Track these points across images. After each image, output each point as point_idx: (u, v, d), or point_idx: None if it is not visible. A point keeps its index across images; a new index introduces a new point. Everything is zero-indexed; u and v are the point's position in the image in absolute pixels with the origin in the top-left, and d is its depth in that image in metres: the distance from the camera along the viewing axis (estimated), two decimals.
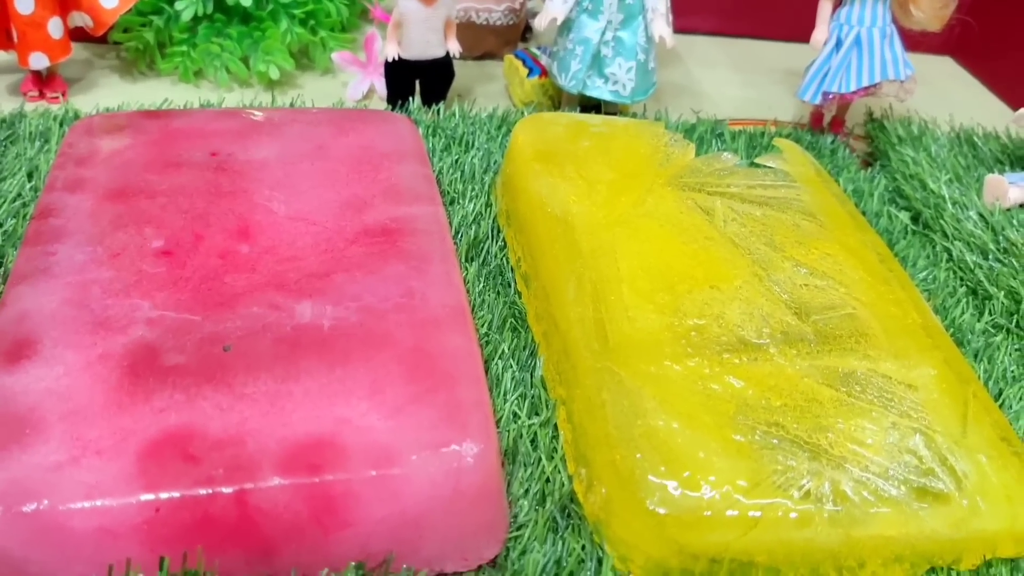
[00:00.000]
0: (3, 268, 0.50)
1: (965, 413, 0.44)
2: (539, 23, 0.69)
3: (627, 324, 0.45)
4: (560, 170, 0.55)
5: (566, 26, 0.70)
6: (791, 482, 0.38)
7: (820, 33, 0.73)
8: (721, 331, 0.45)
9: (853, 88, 0.73)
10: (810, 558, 0.39)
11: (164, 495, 0.36)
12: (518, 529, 0.41)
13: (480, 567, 0.40)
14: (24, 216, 0.55)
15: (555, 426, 0.46)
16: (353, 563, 0.37)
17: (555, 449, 0.45)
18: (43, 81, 0.70)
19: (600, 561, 0.40)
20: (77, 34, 0.70)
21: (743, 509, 0.37)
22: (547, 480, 0.44)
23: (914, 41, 0.74)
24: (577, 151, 0.57)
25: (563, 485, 0.43)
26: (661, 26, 0.69)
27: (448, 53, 0.70)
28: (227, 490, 0.36)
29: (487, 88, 0.80)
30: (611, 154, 0.57)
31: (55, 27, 0.67)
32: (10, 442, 0.37)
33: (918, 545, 0.40)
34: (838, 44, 0.73)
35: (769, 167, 0.60)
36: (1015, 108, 0.83)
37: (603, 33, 0.69)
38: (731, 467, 0.38)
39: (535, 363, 0.49)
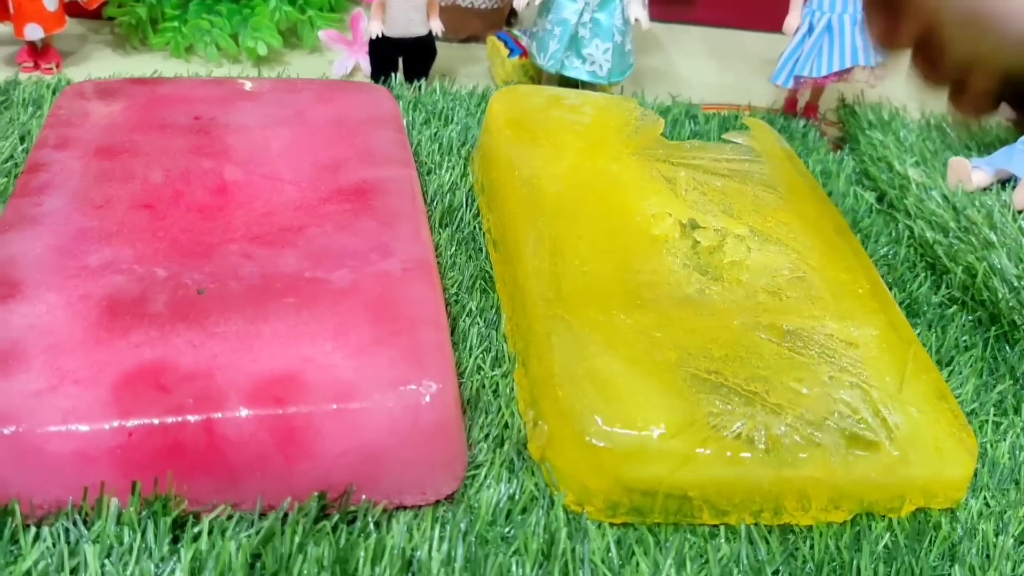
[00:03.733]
0: None
1: (903, 371, 0.46)
2: (518, 3, 0.71)
3: (580, 277, 0.47)
4: (531, 137, 0.58)
5: (545, 7, 0.72)
6: (725, 424, 0.40)
7: (793, 19, 0.76)
8: (671, 288, 0.47)
9: (824, 73, 0.75)
10: (744, 497, 0.41)
11: (136, 422, 0.38)
12: (475, 468, 0.43)
13: (438, 502, 0.42)
14: (15, 176, 0.57)
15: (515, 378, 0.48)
16: (315, 493, 0.39)
17: (514, 399, 0.47)
18: (38, 52, 0.72)
19: (552, 499, 0.42)
20: (72, 9, 0.72)
21: (676, 447, 0.39)
22: (505, 426, 0.46)
23: None
24: (548, 121, 0.59)
25: (520, 431, 0.45)
26: (636, 8, 0.71)
27: (431, 32, 0.72)
28: (196, 418, 0.38)
29: (470, 69, 0.82)
30: (582, 124, 0.59)
31: (50, 0, 0.69)
32: None
33: (849, 489, 0.42)
34: (810, 29, 0.75)
35: (735, 143, 0.63)
36: None
37: (581, 14, 0.71)
38: (668, 407, 0.41)
39: (500, 321, 0.52)
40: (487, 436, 0.45)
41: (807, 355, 0.45)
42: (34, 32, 0.69)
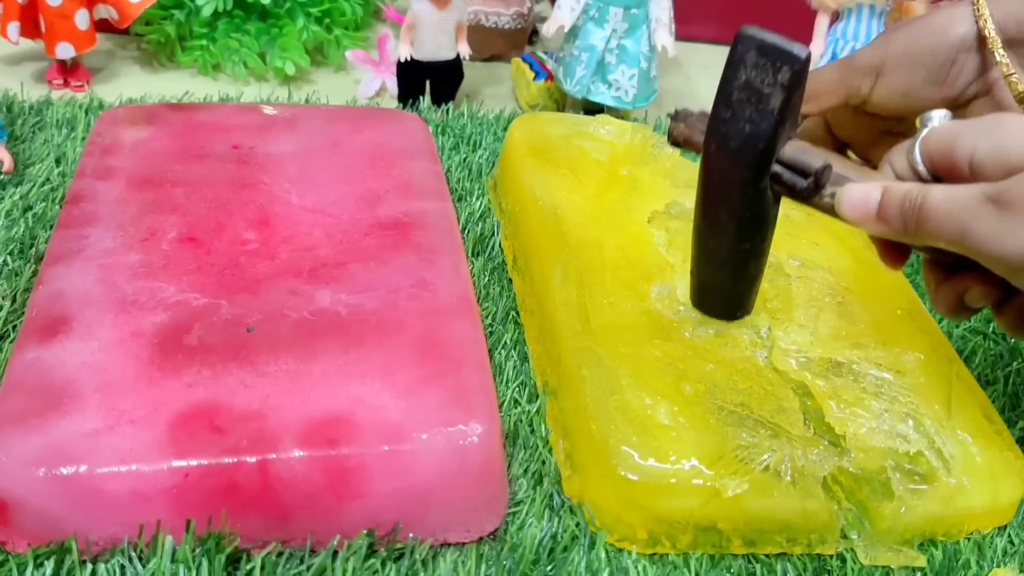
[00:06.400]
0: (35, 249, 0.53)
1: (949, 394, 0.48)
2: (547, 30, 0.72)
3: (608, 309, 0.48)
4: (552, 165, 0.59)
5: (572, 33, 0.73)
6: (752, 456, 0.42)
7: (816, 47, 0.76)
8: (700, 319, 0.48)
9: None
10: (774, 527, 0.43)
11: (192, 462, 0.39)
12: (516, 505, 0.44)
13: (481, 539, 0.43)
14: (52, 200, 0.58)
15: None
16: (364, 531, 0.40)
17: (550, 432, 0.48)
18: (68, 70, 0.73)
19: (593, 538, 0.43)
20: (100, 25, 0.73)
21: (706, 479, 0.41)
22: (543, 462, 0.47)
23: None
24: (569, 148, 0.60)
25: (558, 468, 0.46)
26: (664, 36, 0.72)
27: (459, 55, 0.73)
28: (250, 459, 0.39)
29: (494, 90, 0.83)
30: (601, 152, 0.61)
31: (82, 19, 0.70)
32: (49, 410, 0.39)
33: (909, 521, 0.44)
34: (833, 57, 0.76)
35: None
36: None
37: (608, 41, 0.72)
38: (697, 440, 0.42)
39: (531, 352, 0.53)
40: (526, 471, 0.46)
41: (858, 388, 0.46)
42: (66, 51, 0.70)
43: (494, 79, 0.84)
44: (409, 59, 0.72)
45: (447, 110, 0.74)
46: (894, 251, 0.40)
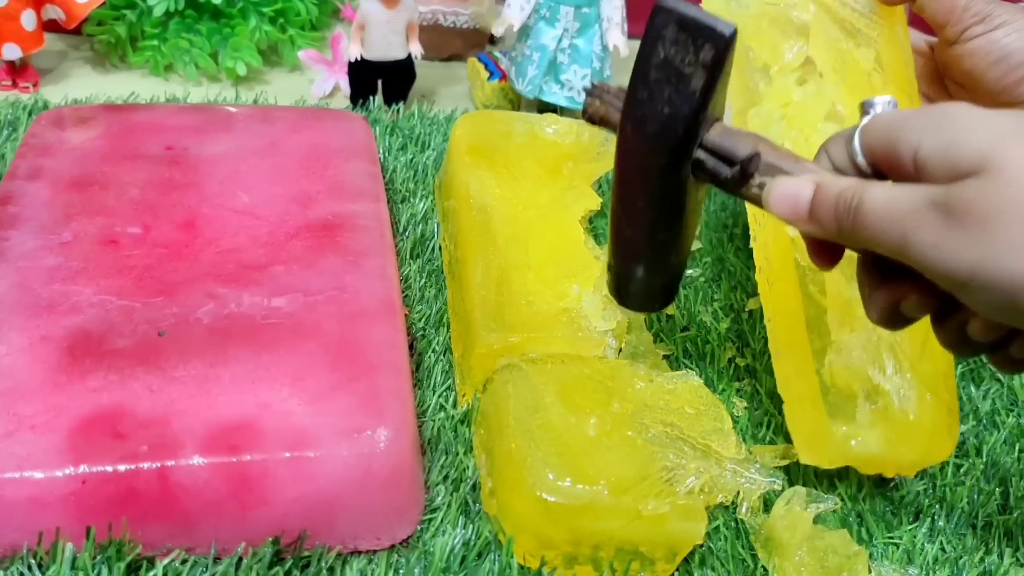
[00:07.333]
0: None
1: (926, 336, 0.46)
2: (497, 29, 0.71)
3: (525, 308, 0.47)
4: (489, 163, 0.58)
5: (524, 32, 0.72)
6: (678, 478, 0.40)
7: None
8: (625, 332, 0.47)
9: None
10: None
11: (91, 469, 0.38)
12: (432, 512, 0.44)
13: (393, 547, 0.42)
14: None
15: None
16: (269, 538, 0.40)
17: (472, 440, 0.47)
18: (16, 71, 0.72)
19: (506, 545, 0.43)
20: (52, 24, 0.72)
21: (628, 501, 0.40)
22: (464, 468, 0.46)
23: None
24: (509, 147, 0.59)
25: (477, 474, 0.46)
26: (616, 35, 0.71)
27: (410, 55, 0.72)
28: (150, 466, 0.38)
29: (451, 89, 0.82)
30: (542, 150, 0.60)
31: (28, 19, 0.69)
32: None
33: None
34: None
35: None
36: None
37: (560, 40, 0.71)
38: (620, 460, 0.41)
39: None
40: (445, 478, 0.45)
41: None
42: (12, 52, 0.69)
43: (452, 79, 0.83)
44: (360, 59, 0.71)
45: (398, 110, 0.73)
46: (825, 251, 0.37)
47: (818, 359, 0.45)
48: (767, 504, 0.46)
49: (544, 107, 0.75)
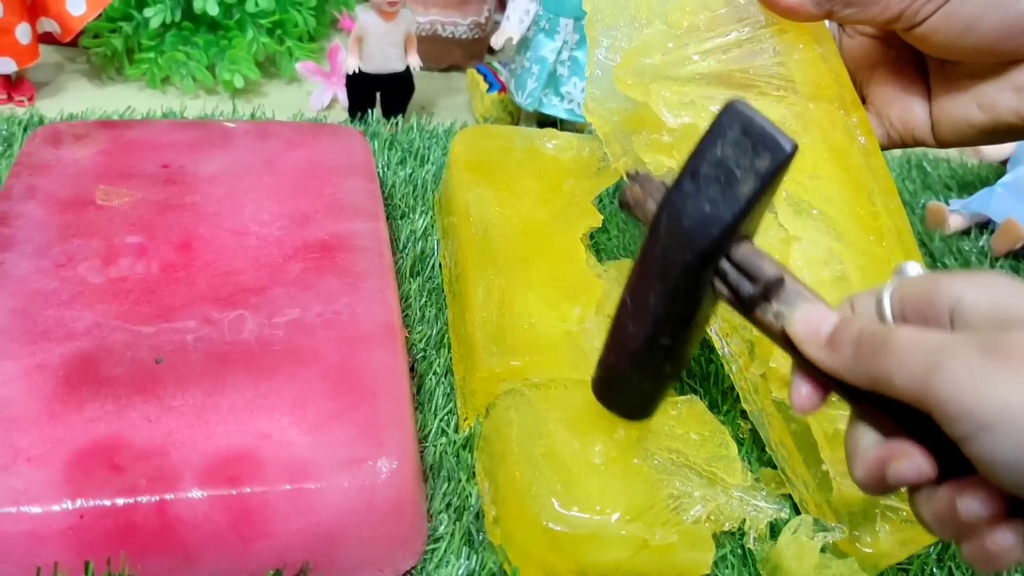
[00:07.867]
0: None
1: None
2: (495, 42, 0.71)
3: (527, 330, 0.46)
4: (489, 180, 0.57)
5: (523, 45, 0.72)
6: (684, 507, 0.40)
7: None
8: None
9: None
10: None
11: (89, 503, 0.37)
12: (436, 542, 0.43)
13: None
14: None
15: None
16: (271, 572, 0.39)
17: (475, 466, 0.47)
18: (11, 84, 0.71)
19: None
20: (48, 37, 0.72)
21: (633, 530, 0.39)
22: (467, 496, 0.45)
23: None
24: (509, 163, 0.59)
25: (481, 501, 0.45)
26: None
27: (408, 67, 0.72)
28: (148, 499, 0.38)
29: (451, 101, 0.81)
30: (542, 166, 0.59)
31: (23, 33, 0.68)
32: None
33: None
34: None
35: None
36: None
37: (559, 53, 0.71)
38: (626, 488, 0.40)
39: None
40: (448, 506, 0.45)
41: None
42: (7, 66, 0.69)
43: (452, 90, 0.83)
44: (357, 71, 0.71)
45: (397, 123, 0.72)
46: (814, 387, 0.34)
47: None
48: (774, 530, 0.45)
49: (544, 119, 0.75)
